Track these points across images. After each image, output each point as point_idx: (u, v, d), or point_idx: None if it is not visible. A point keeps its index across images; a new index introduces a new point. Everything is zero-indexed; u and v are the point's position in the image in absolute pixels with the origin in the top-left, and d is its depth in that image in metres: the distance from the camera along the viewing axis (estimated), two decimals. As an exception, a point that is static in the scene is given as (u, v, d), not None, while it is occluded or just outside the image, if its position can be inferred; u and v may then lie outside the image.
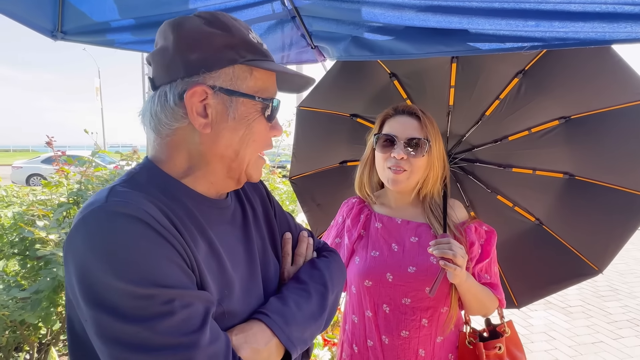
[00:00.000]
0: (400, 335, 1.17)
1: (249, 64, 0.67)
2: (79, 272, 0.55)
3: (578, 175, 1.38)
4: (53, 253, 2.07)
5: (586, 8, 0.85)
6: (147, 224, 0.57)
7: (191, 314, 0.56)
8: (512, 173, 1.46)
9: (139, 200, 0.59)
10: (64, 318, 2.42)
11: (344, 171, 1.71)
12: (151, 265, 0.55)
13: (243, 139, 0.69)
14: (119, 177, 0.68)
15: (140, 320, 0.53)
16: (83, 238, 0.56)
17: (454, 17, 0.99)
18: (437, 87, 1.45)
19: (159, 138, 0.69)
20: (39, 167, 14.81)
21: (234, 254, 0.72)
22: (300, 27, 1.38)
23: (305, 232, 0.95)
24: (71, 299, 0.60)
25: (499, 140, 1.45)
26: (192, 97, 0.64)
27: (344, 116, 1.64)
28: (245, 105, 0.68)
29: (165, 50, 0.66)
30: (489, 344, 1.21)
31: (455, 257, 1.05)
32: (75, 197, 2.55)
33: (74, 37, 1.45)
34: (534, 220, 1.48)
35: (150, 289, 0.54)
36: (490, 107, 1.42)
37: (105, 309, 0.53)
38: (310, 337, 0.74)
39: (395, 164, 1.18)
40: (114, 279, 0.53)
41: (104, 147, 6.29)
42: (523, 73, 1.33)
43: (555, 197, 1.44)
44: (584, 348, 3.49)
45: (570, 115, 1.32)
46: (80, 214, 0.58)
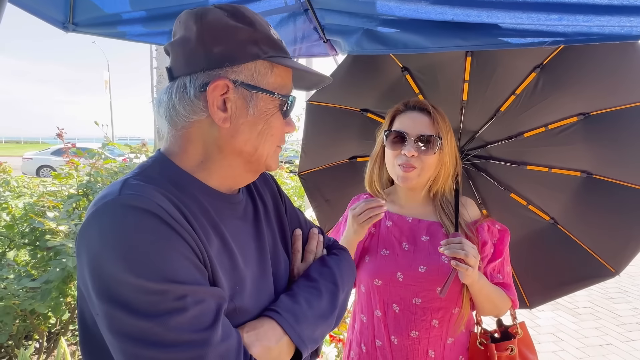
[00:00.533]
0: (409, 335, 1.15)
1: (271, 60, 0.67)
2: (92, 265, 0.55)
3: (596, 173, 1.33)
4: (63, 244, 2.09)
5: (613, 1, 0.81)
6: (161, 218, 0.56)
7: (203, 310, 0.56)
8: (527, 170, 1.43)
9: (153, 193, 0.58)
10: (73, 308, 2.45)
11: (354, 167, 1.69)
12: (164, 261, 0.55)
13: (261, 134, 0.69)
14: (132, 170, 0.68)
15: (152, 316, 0.53)
16: (96, 231, 0.55)
17: (473, 10, 0.96)
18: (450, 82, 1.41)
19: (174, 130, 0.68)
20: (48, 158, 15.00)
21: (245, 250, 0.71)
22: (313, 20, 1.36)
23: (315, 229, 0.94)
24: (83, 291, 0.60)
25: (514, 137, 1.41)
26: (214, 91, 0.63)
27: (354, 111, 1.62)
28: (265, 100, 0.68)
29: (187, 41, 0.65)
30: (501, 346, 1.18)
31: (467, 257, 1.02)
32: (84, 189, 2.57)
33: (85, 28, 1.45)
34: (548, 219, 1.45)
35: (162, 284, 0.53)
36: (505, 103, 1.38)
37: (117, 303, 0.53)
38: (321, 336, 0.73)
39: (405, 162, 1.16)
40: (127, 273, 0.52)
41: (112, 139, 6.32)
42: (541, 67, 1.28)
43: (571, 196, 1.40)
44: (592, 350, 3.45)
45: (590, 112, 1.28)
46: (93, 206, 0.58)
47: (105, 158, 2.77)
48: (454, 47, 1.08)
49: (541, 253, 1.49)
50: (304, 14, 1.36)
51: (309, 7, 1.30)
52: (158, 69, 12.47)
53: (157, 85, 12.79)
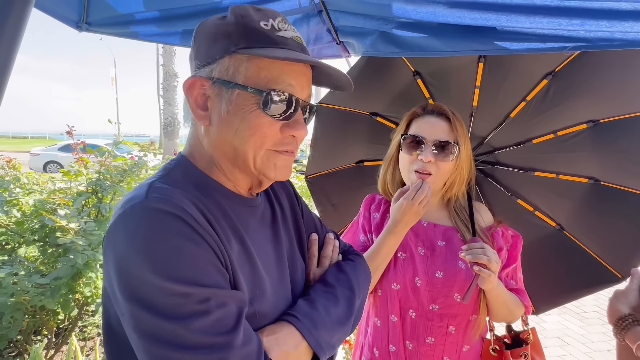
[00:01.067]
0: (425, 342, 1.14)
1: (245, 52, 0.62)
2: (118, 266, 0.56)
3: (604, 180, 1.34)
4: (72, 241, 2.10)
5: (637, 7, 0.80)
6: (186, 222, 0.57)
7: (226, 313, 0.56)
8: (534, 177, 1.43)
9: (178, 197, 0.59)
10: (82, 305, 2.47)
11: (361, 171, 1.69)
12: (188, 264, 0.55)
13: (237, 134, 0.65)
14: (157, 172, 0.69)
15: (176, 318, 0.53)
16: (123, 233, 0.56)
17: (492, 14, 0.95)
18: (461, 87, 1.41)
19: (189, 132, 0.72)
20: (55, 154, 15.14)
21: (264, 254, 0.71)
22: (327, 21, 1.35)
23: (331, 234, 0.93)
24: (108, 291, 0.60)
25: (523, 143, 1.41)
26: (191, 89, 0.65)
27: (364, 114, 1.62)
28: (241, 97, 0.63)
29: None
30: (515, 352, 1.17)
31: (490, 262, 1.01)
32: (94, 187, 2.59)
33: (99, 28, 1.45)
34: (554, 225, 1.45)
35: (186, 286, 0.54)
36: (515, 109, 1.38)
37: (143, 304, 0.54)
38: (338, 342, 0.73)
39: (421, 167, 1.14)
40: (152, 274, 0.53)
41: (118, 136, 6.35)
42: (553, 75, 1.28)
43: (578, 202, 1.40)
44: (599, 355, 3.42)
45: (599, 119, 1.29)
46: (121, 208, 0.59)
47: (115, 156, 2.78)
48: (471, 51, 1.07)
49: (547, 259, 1.49)
50: (318, 15, 1.35)
51: (323, 8, 1.29)
52: (164, 67, 12.52)
53: (162, 82, 12.86)
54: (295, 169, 5.21)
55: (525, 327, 1.25)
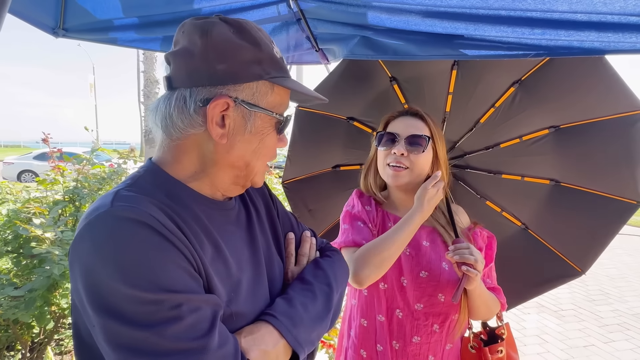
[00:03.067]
0: (412, 341, 1.16)
1: (273, 81, 0.68)
2: (86, 277, 0.55)
3: (563, 181, 1.43)
4: (48, 251, 2.04)
5: (592, 18, 0.86)
6: (154, 229, 0.57)
7: (199, 318, 0.56)
8: (502, 179, 1.51)
9: (145, 204, 0.59)
10: (58, 317, 2.39)
11: (337, 176, 1.71)
12: (158, 270, 0.55)
13: (255, 152, 0.71)
14: (123, 181, 0.68)
15: (149, 326, 0.53)
16: (89, 243, 0.55)
17: (461, 23, 1.00)
18: (435, 93, 1.47)
19: (168, 140, 0.68)
20: (30, 163, 14.62)
21: (239, 256, 0.72)
22: (306, 29, 1.38)
23: (308, 232, 0.94)
24: (77, 304, 0.60)
25: (491, 147, 1.48)
26: (215, 108, 0.64)
27: (341, 119, 1.64)
28: (262, 119, 0.69)
29: (190, 54, 0.65)
30: (492, 348, 1.21)
31: (477, 262, 1.04)
32: (71, 195, 2.52)
33: (76, 34, 1.44)
34: (520, 224, 1.53)
35: (157, 294, 0.54)
36: (485, 115, 1.45)
37: (113, 314, 0.53)
38: (317, 338, 0.74)
39: (395, 160, 1.18)
40: (121, 284, 0.53)
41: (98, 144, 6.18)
42: (519, 83, 1.37)
43: (541, 203, 1.48)
44: (575, 351, 3.53)
45: (560, 125, 1.38)
46: (86, 219, 0.58)
47: (93, 163, 2.72)
48: (443, 56, 1.11)
49: (514, 257, 1.56)
50: (297, 23, 1.38)
51: (302, 17, 1.33)
52: (145, 73, 12.32)
53: (144, 89, 12.65)
54: (278, 175, 5.20)
55: (499, 323, 1.29)
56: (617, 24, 0.84)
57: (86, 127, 2.97)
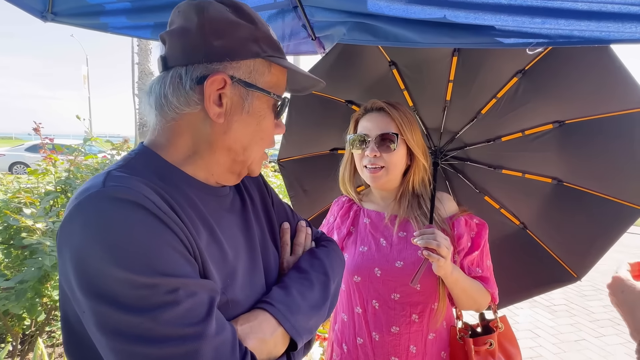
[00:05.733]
0: (390, 331, 1.16)
1: (270, 59, 0.67)
2: (76, 261, 0.52)
3: (566, 181, 1.36)
4: (39, 242, 2.02)
5: (592, 7, 0.84)
6: (148, 210, 0.54)
7: (196, 303, 0.55)
8: (502, 175, 1.44)
9: (138, 185, 0.57)
10: (50, 309, 2.37)
11: (335, 158, 1.67)
12: (154, 253, 0.53)
13: (253, 135, 0.69)
14: (115, 162, 0.66)
15: (143, 311, 0.51)
16: (79, 225, 0.53)
17: (461, 11, 0.98)
18: (435, 80, 1.42)
19: (163, 121, 0.66)
20: (22, 155, 14.47)
21: (234, 243, 0.71)
22: (302, 17, 1.35)
23: (303, 222, 0.94)
24: (66, 291, 0.57)
25: (492, 140, 1.43)
26: (212, 85, 0.63)
27: (340, 102, 1.61)
28: (260, 99, 0.68)
29: (187, 31, 0.63)
30: (479, 340, 1.20)
31: (439, 247, 1.04)
32: (63, 186, 2.49)
33: (65, 18, 1.40)
34: (518, 224, 1.48)
35: (153, 277, 0.52)
36: (486, 106, 1.39)
37: (106, 299, 0.51)
38: (315, 326, 0.73)
39: (370, 162, 1.19)
40: (115, 267, 0.51)
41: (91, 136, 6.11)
42: (523, 73, 1.30)
43: (541, 202, 1.42)
44: (567, 345, 3.57)
45: (565, 120, 1.31)
46: (75, 199, 0.55)
47: (86, 154, 2.68)
48: (442, 43, 1.09)
49: (510, 257, 1.51)
50: (293, 11, 1.35)
51: (298, 4, 1.30)
52: (140, 65, 12.17)
53: (138, 82, 12.50)
54: (273, 168, 5.17)
55: (494, 316, 1.28)
56: (618, 13, 0.83)
57: (78, 116, 2.92)
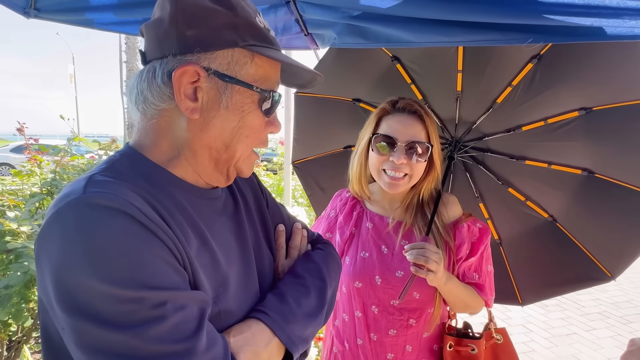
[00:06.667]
0: (388, 333, 1.17)
1: (251, 49, 0.61)
2: (55, 274, 0.49)
3: (598, 172, 1.27)
4: (25, 246, 1.95)
5: (590, 2, 0.83)
6: (133, 218, 0.51)
7: (185, 317, 0.51)
8: (526, 165, 1.37)
9: (123, 190, 0.53)
10: (37, 314, 2.30)
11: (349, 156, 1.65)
12: (139, 264, 0.49)
13: (234, 132, 0.63)
14: (97, 165, 0.61)
15: (128, 327, 0.47)
16: (59, 235, 0.49)
17: (456, 5, 0.96)
18: (443, 72, 1.35)
19: (145, 119, 0.63)
20: (7, 156, 14.14)
21: (227, 248, 0.67)
22: (294, 12, 1.33)
23: (299, 224, 0.90)
24: (45, 303, 0.53)
25: (512, 130, 1.34)
26: (182, 77, 0.58)
27: (346, 101, 1.58)
28: (241, 94, 0.62)
29: (160, 22, 0.59)
30: (462, 341, 1.18)
31: (427, 262, 1.03)
32: (49, 187, 2.42)
33: (49, 14, 1.35)
34: (547, 216, 1.40)
35: (138, 291, 0.48)
36: (502, 94, 1.31)
37: (87, 315, 0.47)
38: (311, 335, 0.71)
39: (392, 168, 1.12)
40: (97, 280, 0.47)
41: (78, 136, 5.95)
42: (538, 58, 1.21)
43: (571, 194, 1.34)
44: (558, 339, 3.62)
45: (592, 107, 1.20)
46: (54, 207, 0.51)
47: (72, 154, 2.61)
48: (437, 42, 1.08)
49: (538, 250, 1.45)
50: (285, 5, 1.33)
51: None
52: (128, 63, 11.97)
53: (126, 80, 12.28)
54: (265, 167, 5.12)
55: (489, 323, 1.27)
56: (616, 8, 0.81)
57: (62, 116, 2.83)
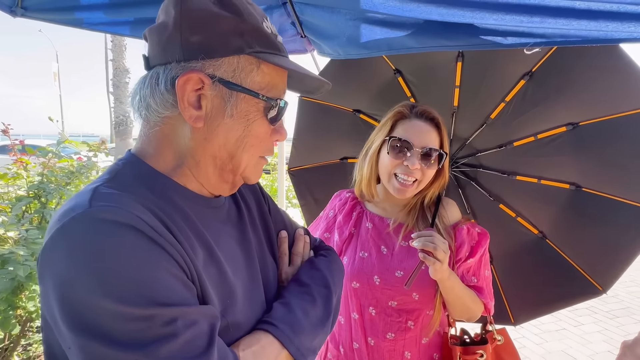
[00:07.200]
0: (386, 337, 1.15)
1: (258, 56, 0.59)
2: (61, 292, 0.47)
3: (585, 186, 1.28)
4: (12, 252, 1.90)
5: (591, 6, 0.84)
6: (142, 232, 0.49)
7: (196, 333, 0.50)
8: (516, 181, 1.38)
9: (130, 203, 0.51)
10: (25, 321, 2.24)
11: (344, 167, 1.66)
12: (149, 281, 0.48)
13: (240, 141, 0.61)
14: (100, 176, 0.59)
15: (139, 346, 0.46)
16: (64, 251, 0.47)
17: (458, 10, 0.96)
18: (441, 87, 1.37)
19: (147, 127, 0.61)
20: (-11, 156, 13.73)
21: (232, 258, 0.66)
22: (291, 14, 1.31)
23: (301, 230, 0.89)
24: (49, 321, 0.51)
25: (504, 146, 1.36)
26: (186, 84, 0.56)
27: (347, 111, 1.58)
28: (247, 102, 0.60)
29: (165, 27, 0.57)
30: (469, 349, 1.17)
31: (436, 250, 1.00)
32: (36, 191, 2.35)
33: (36, 13, 1.31)
34: (537, 233, 1.41)
35: (148, 308, 0.47)
36: (495, 110, 1.34)
37: (95, 334, 0.46)
38: (318, 345, 0.70)
39: (405, 172, 1.11)
40: (105, 298, 0.45)
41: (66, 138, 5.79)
42: (530, 75, 1.25)
43: (560, 209, 1.35)
44: (548, 335, 3.69)
45: (579, 122, 1.24)
46: (58, 222, 0.49)
47: (60, 157, 2.54)
48: (438, 47, 1.07)
49: (528, 268, 1.45)
50: (282, 7, 1.31)
51: (288, 0, 1.25)
52: (114, 62, 11.74)
53: (112, 79, 12.06)
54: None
55: (490, 327, 1.25)
56: (616, 12, 0.82)
57: (50, 118, 2.76)
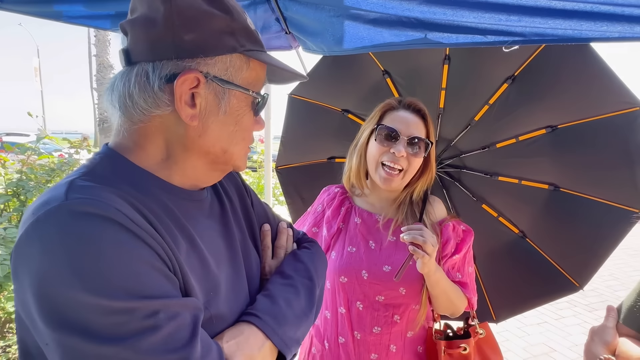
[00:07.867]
0: (372, 331, 1.17)
1: (248, 54, 0.61)
2: (37, 287, 0.46)
3: (563, 186, 1.33)
4: (-11, 251, 1.85)
5: (566, 6, 0.86)
6: (120, 224, 0.49)
7: (179, 326, 0.50)
8: (498, 182, 1.42)
9: (107, 195, 0.51)
10: (4, 322, 2.19)
11: (332, 167, 1.67)
12: (129, 273, 0.47)
13: (232, 136, 0.63)
14: (76, 169, 0.58)
15: (120, 339, 0.45)
16: (38, 245, 0.46)
17: (438, 7, 0.97)
18: (428, 89, 1.40)
19: (129, 122, 0.60)
20: (-34, 154, 13.30)
21: (216, 251, 0.66)
22: (275, 10, 1.31)
23: (284, 223, 0.90)
24: (24, 318, 0.50)
25: (487, 147, 1.41)
26: (183, 84, 0.56)
27: (336, 110, 1.59)
28: (237, 98, 0.62)
29: (152, 23, 0.56)
30: (453, 343, 1.20)
31: (425, 243, 1.02)
32: (14, 188, 2.29)
33: (13, 5, 1.28)
34: (517, 232, 1.45)
35: (129, 301, 0.46)
36: (479, 112, 1.38)
37: (74, 329, 0.45)
38: (302, 336, 0.71)
39: (392, 160, 1.13)
40: (84, 292, 0.45)
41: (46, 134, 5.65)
42: (512, 79, 1.30)
43: (540, 209, 1.40)
44: (530, 328, 3.78)
45: (557, 125, 1.29)
46: (33, 215, 0.48)
47: (40, 153, 2.48)
48: (420, 44, 1.09)
49: (509, 266, 1.49)
50: (266, 3, 1.31)
51: (272, -4, 1.25)
52: (98, 57, 11.48)
53: (96, 75, 11.80)
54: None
55: (473, 321, 1.28)
56: (590, 12, 0.85)
57: (29, 113, 2.68)
